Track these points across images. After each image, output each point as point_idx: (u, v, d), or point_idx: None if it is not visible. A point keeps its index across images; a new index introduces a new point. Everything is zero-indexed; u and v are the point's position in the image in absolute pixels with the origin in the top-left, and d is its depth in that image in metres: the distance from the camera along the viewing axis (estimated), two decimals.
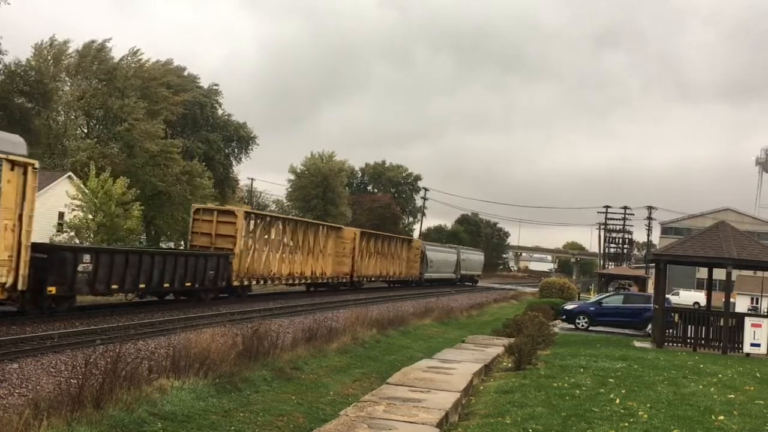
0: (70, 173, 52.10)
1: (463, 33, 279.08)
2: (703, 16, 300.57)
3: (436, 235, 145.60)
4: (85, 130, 64.80)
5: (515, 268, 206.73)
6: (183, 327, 25.21)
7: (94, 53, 64.68)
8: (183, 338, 19.97)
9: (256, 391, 15.48)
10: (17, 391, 14.51)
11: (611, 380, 18.01)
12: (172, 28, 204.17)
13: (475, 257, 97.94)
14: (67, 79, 63.49)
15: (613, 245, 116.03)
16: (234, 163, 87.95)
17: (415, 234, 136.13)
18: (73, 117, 63.22)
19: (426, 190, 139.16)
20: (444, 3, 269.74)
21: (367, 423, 11.89)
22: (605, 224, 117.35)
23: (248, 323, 26.09)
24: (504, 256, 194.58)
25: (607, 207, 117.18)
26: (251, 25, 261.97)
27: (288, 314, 34.30)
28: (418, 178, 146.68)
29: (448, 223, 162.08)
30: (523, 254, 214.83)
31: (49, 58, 61.61)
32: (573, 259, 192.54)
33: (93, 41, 65.74)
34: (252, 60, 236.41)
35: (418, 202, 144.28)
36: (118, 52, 67.43)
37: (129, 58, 67.60)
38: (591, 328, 37.92)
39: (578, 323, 38.31)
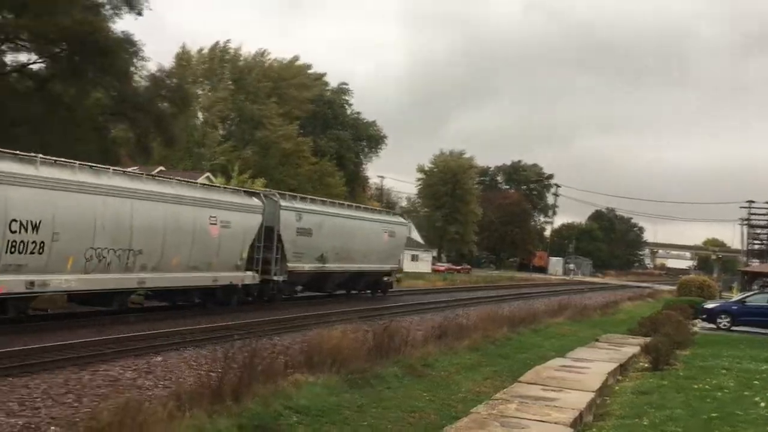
0: (208, 174, 54.07)
1: (600, 36, 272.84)
2: None
3: (567, 233, 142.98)
4: (221, 133, 66.99)
5: (651, 266, 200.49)
6: (315, 323, 25.68)
7: (220, 55, 66.73)
8: (315, 334, 20.34)
9: (387, 388, 15.60)
10: (161, 383, 15.16)
11: (756, 382, 17.20)
12: (325, 43, 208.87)
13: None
14: (205, 84, 65.84)
15: (757, 242, 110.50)
16: (364, 161, 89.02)
17: (547, 232, 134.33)
18: (210, 122, 65.56)
19: (558, 186, 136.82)
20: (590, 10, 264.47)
21: (499, 421, 11.79)
22: (748, 220, 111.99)
23: (378, 320, 26.39)
24: (640, 253, 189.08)
25: (750, 202, 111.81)
26: (400, 36, 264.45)
27: (418, 312, 34.44)
28: (550, 176, 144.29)
29: (581, 219, 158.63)
30: (660, 251, 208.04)
31: (183, 63, 64.17)
32: (713, 256, 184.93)
33: (217, 42, 67.83)
34: (397, 69, 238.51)
35: (550, 200, 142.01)
36: (235, 51, 69.00)
37: (257, 59, 69.42)
38: (733, 328, 36.30)
39: (719, 323, 36.72)
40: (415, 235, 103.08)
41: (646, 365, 20.24)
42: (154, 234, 23.94)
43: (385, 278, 42.09)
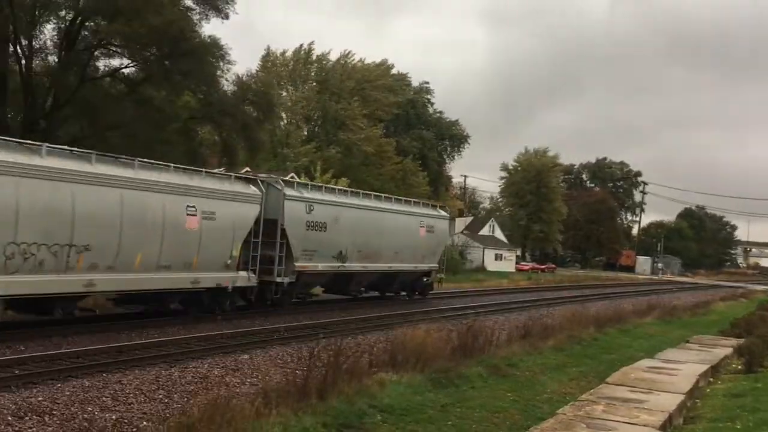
0: (292, 174, 54.78)
1: (687, 31, 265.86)
2: None
3: (655, 231, 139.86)
4: (305, 133, 67.80)
5: (743, 265, 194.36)
6: (399, 323, 25.77)
7: (305, 57, 67.68)
8: (399, 333, 20.41)
9: (471, 387, 15.55)
10: (248, 380, 15.43)
11: None
12: (408, 42, 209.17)
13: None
14: (289, 86, 66.81)
15: None
16: (447, 161, 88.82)
17: (634, 231, 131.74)
18: (294, 122, 66.44)
19: (645, 183, 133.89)
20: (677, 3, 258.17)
21: (585, 422, 11.62)
22: None
23: (462, 319, 26.32)
24: (732, 252, 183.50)
25: None
26: (483, 34, 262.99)
27: (503, 311, 34.20)
28: (638, 174, 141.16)
29: (670, 218, 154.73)
30: (753, 250, 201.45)
31: (269, 65, 65.20)
32: None
33: (301, 45, 68.75)
34: (480, 68, 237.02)
35: (637, 198, 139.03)
36: (321, 53, 69.85)
37: (341, 60, 70.07)
38: None
39: None
40: (499, 234, 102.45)
41: (739, 367, 19.64)
42: (106, 226, 19.55)
43: (425, 279, 36.62)
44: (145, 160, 21.78)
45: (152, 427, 10.73)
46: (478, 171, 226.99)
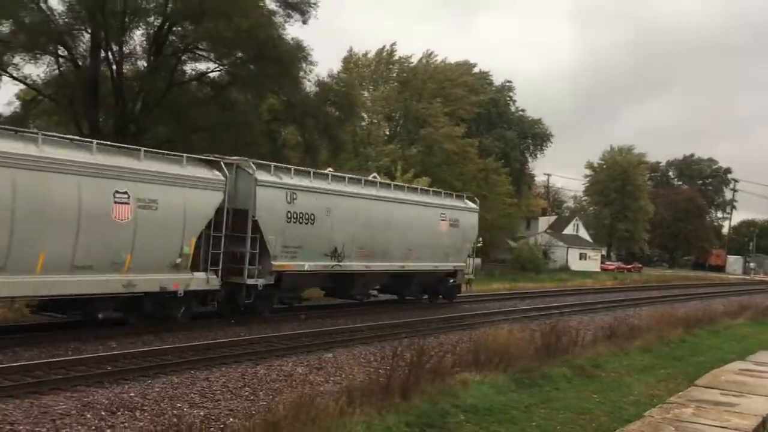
0: (374, 174, 55.07)
1: None
2: None
3: (747, 230, 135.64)
4: (387, 132, 68.10)
5: None
6: (480, 322, 25.67)
7: (387, 57, 68.07)
8: (482, 333, 20.33)
9: (556, 388, 15.37)
10: (332, 378, 15.57)
11: None
12: (490, 40, 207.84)
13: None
14: (370, 86, 67.27)
15: None
16: (530, 159, 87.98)
17: (725, 229, 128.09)
18: (375, 122, 66.81)
19: (736, 181, 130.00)
20: None
21: (674, 426, 11.35)
22: None
23: (546, 319, 26.04)
24: None
25: None
26: (567, 32, 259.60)
27: (587, 311, 33.70)
28: (728, 171, 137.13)
29: (763, 216, 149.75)
30: None
31: (351, 66, 65.74)
32: None
33: (383, 47, 69.17)
34: (565, 65, 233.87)
35: (728, 195, 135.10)
36: (403, 56, 70.10)
37: (423, 60, 70.25)
38: None
39: None
40: (583, 233, 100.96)
41: None
42: None
43: (451, 280, 31.65)
44: (55, 134, 18.24)
45: (239, 423, 10.91)
46: (562, 170, 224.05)
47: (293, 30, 67.10)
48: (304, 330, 21.10)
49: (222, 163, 21.18)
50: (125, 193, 18.00)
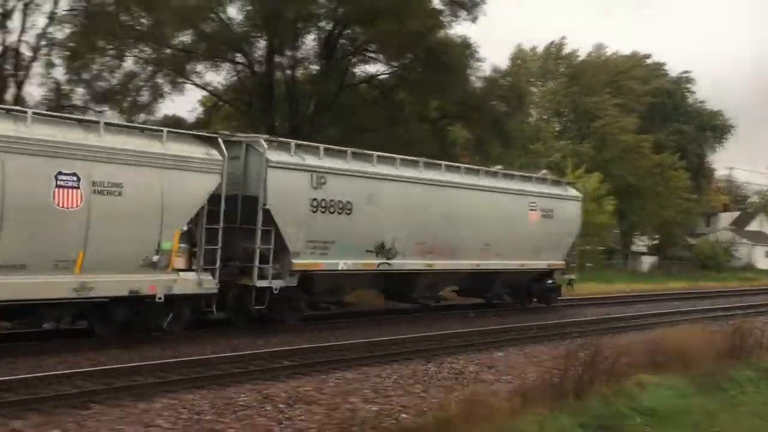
0: (544, 171, 54.18)
1: None
2: None
3: None
4: (557, 128, 67.02)
5: None
6: (656, 323, 24.78)
7: (555, 52, 67.06)
8: (659, 334, 19.61)
9: (741, 392, 14.64)
10: (503, 377, 15.44)
11: None
12: (666, 30, 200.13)
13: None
14: (538, 82, 66.46)
15: None
16: (709, 153, 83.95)
17: None
18: (545, 118, 65.89)
19: None
20: None
21: None
22: None
23: (728, 320, 24.80)
24: None
25: None
26: (752, 18, 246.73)
27: None
28: None
29: None
30: None
31: (519, 62, 65.10)
32: None
33: (552, 41, 68.07)
34: (759, 56, 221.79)
35: None
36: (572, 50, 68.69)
37: (593, 53, 68.70)
38: None
39: None
40: None
41: None
42: None
43: (549, 281, 27.42)
44: None
45: (411, 420, 11.02)
46: (748, 163, 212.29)
47: (460, 28, 67.49)
48: (474, 329, 21.06)
49: (220, 140, 17.39)
50: (73, 175, 14.65)
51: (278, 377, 13.89)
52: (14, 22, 28.98)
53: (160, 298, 16.03)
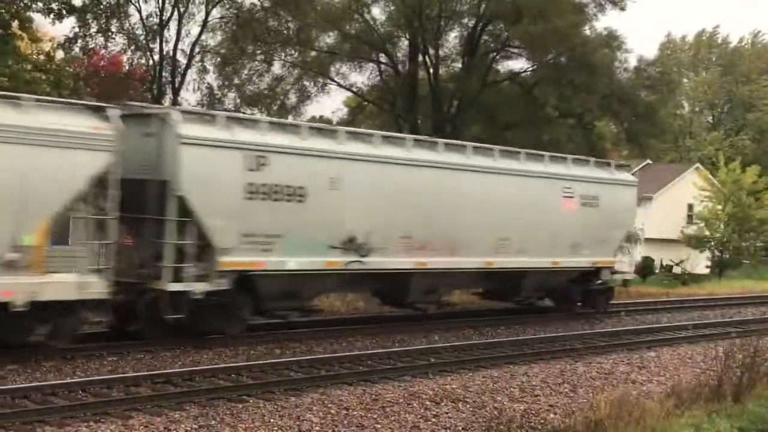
0: (698, 165, 52.15)
1: None
2: None
3: None
4: (710, 120, 64.39)
5: None
6: None
7: (707, 41, 64.43)
8: None
9: None
10: (655, 378, 14.95)
11: None
12: None
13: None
14: (690, 73, 64.07)
15: None
16: None
17: None
18: (697, 110, 63.44)
19: None
20: None
21: None
22: None
23: None
24: None
25: None
26: None
27: None
28: None
29: None
30: None
31: (668, 52, 62.91)
32: None
33: (703, 29, 65.38)
34: None
35: None
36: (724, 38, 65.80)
37: (748, 41, 65.66)
38: None
39: None
40: None
41: None
42: None
43: (598, 282, 22.68)
44: None
45: (559, 419, 10.83)
46: None
47: (606, 19, 66.18)
48: (623, 327, 20.50)
49: (109, 110, 13.78)
50: None
51: (426, 374, 13.91)
52: (170, 31, 30.62)
53: (22, 307, 12.53)
